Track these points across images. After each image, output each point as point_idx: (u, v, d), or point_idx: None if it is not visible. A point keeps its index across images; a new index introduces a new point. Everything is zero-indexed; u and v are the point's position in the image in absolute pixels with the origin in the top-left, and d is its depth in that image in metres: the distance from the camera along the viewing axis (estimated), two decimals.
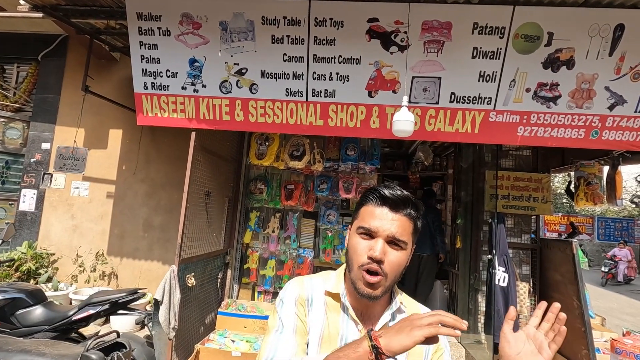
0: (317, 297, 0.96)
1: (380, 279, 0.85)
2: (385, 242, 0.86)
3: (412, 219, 0.90)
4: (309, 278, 1.01)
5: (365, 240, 0.88)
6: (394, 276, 0.88)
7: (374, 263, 0.85)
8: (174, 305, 2.81)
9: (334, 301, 0.96)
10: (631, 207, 18.67)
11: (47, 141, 4.78)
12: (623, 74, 2.65)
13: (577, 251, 3.38)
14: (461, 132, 2.86)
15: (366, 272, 0.86)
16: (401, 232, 0.87)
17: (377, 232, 0.87)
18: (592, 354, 3.08)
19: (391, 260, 0.86)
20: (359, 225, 0.90)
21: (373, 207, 0.89)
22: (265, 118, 3.01)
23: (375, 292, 0.86)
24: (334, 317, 0.94)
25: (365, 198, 0.92)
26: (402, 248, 0.88)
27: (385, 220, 0.87)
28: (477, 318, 3.85)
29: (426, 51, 2.72)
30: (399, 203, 0.88)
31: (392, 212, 0.88)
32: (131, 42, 2.99)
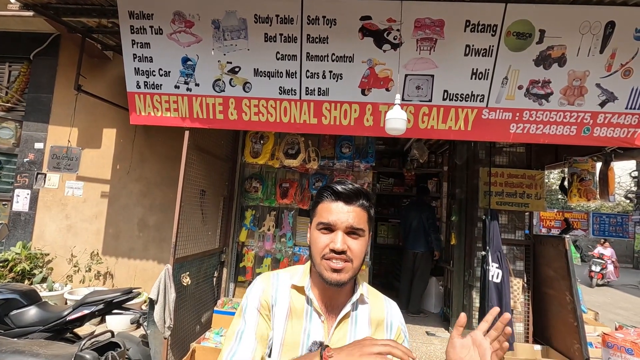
0: (282, 291, 1.00)
1: (345, 264, 0.91)
2: (344, 233, 0.92)
3: (365, 208, 0.96)
4: (275, 273, 1.04)
5: (326, 234, 0.93)
6: (358, 262, 0.93)
7: (336, 254, 0.90)
8: (169, 304, 2.81)
9: (299, 294, 1.00)
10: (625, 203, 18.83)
11: (40, 141, 4.74)
12: (614, 71, 2.67)
13: (569, 247, 3.41)
14: (454, 129, 2.87)
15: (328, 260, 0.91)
16: (357, 221, 0.93)
17: (335, 225, 0.92)
18: (584, 348, 3.12)
19: (353, 247, 0.92)
20: (318, 222, 0.95)
21: (329, 203, 0.95)
22: (259, 116, 3.00)
23: (342, 277, 0.90)
24: (299, 311, 0.98)
25: (320, 196, 0.98)
26: (360, 236, 0.94)
27: (341, 213, 0.92)
28: (471, 314, 3.88)
29: (419, 49, 2.73)
30: (352, 196, 0.94)
31: (346, 205, 0.93)
32: (123, 40, 2.98)
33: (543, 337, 3.77)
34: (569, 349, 3.32)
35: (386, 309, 1.05)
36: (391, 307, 1.07)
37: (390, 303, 1.08)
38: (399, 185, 6.76)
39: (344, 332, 0.97)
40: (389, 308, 1.06)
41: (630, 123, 2.77)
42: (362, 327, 0.99)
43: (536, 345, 3.64)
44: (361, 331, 0.99)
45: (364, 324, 1.00)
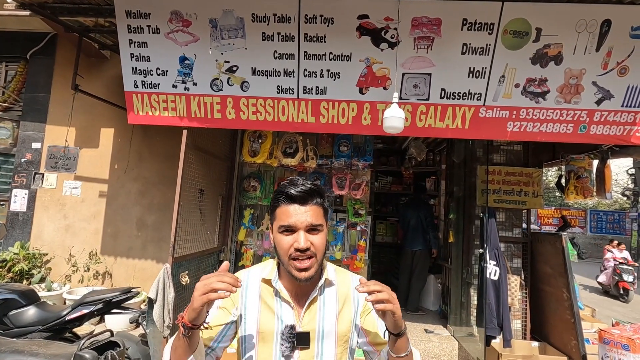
0: (252, 284, 1.09)
1: (311, 261, 0.99)
2: (305, 232, 0.99)
3: (320, 204, 1.03)
4: (247, 270, 1.14)
5: (288, 235, 1.00)
6: (321, 254, 1.02)
7: (301, 253, 0.97)
8: (168, 303, 2.82)
9: (268, 286, 1.08)
10: (623, 200, 18.93)
11: (38, 140, 4.73)
12: (610, 69, 2.69)
13: (566, 244, 3.43)
14: (452, 127, 2.88)
15: (294, 260, 0.98)
16: (315, 219, 1.00)
17: (295, 226, 0.99)
18: (581, 344, 3.15)
19: (315, 242, 0.99)
20: (279, 225, 1.01)
21: (286, 206, 1.01)
22: (257, 116, 3.01)
23: (310, 273, 0.99)
24: (270, 301, 1.06)
25: (277, 200, 1.03)
26: (320, 230, 1.01)
27: (299, 215, 0.99)
28: (469, 311, 3.90)
29: (416, 47, 2.74)
30: (306, 197, 1.00)
31: (302, 206, 1.00)
32: (120, 40, 2.97)
33: (541, 333, 3.79)
34: (566, 345, 3.35)
35: (352, 283, 1.13)
36: (356, 281, 1.11)
37: (355, 277, 1.15)
38: (397, 184, 6.77)
39: (313, 314, 1.06)
40: (354, 282, 1.12)
41: (626, 121, 2.79)
42: (330, 306, 1.08)
43: (534, 342, 3.67)
44: (329, 310, 1.07)
45: (331, 303, 1.08)
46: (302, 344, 1.02)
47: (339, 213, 4.12)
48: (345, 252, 3.94)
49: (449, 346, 3.76)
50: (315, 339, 1.04)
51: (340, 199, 4.23)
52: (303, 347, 1.02)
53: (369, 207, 4.08)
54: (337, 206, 4.19)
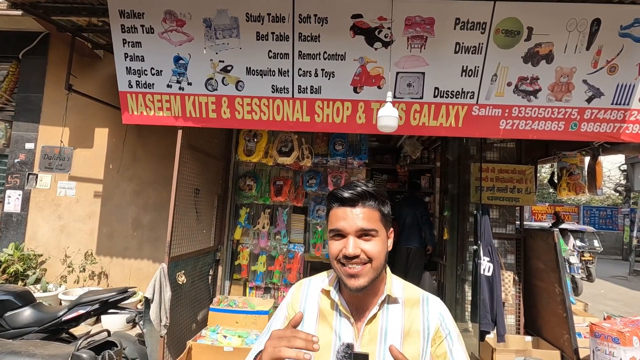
0: (312, 296, 1.03)
1: (364, 268, 0.90)
2: (355, 237, 0.92)
3: (375, 208, 0.95)
4: (309, 279, 1.09)
5: (338, 240, 0.94)
6: (378, 262, 0.92)
7: (350, 260, 0.90)
8: (164, 302, 2.83)
9: (327, 298, 1.01)
10: (615, 196, 19.15)
11: (31, 141, 4.70)
12: (600, 67, 2.73)
13: (558, 240, 3.48)
14: (445, 126, 2.91)
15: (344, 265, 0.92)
16: (367, 223, 0.92)
17: (344, 230, 0.92)
18: (573, 338, 3.20)
19: (368, 249, 0.91)
20: (330, 229, 0.96)
21: (336, 210, 0.95)
22: (252, 115, 3.01)
23: (361, 282, 0.90)
24: (328, 314, 0.99)
25: (328, 203, 0.99)
26: (374, 236, 0.93)
27: (349, 218, 0.92)
28: (464, 307, 3.95)
29: (410, 47, 2.76)
30: (356, 199, 0.94)
31: (353, 209, 0.93)
32: (114, 40, 2.96)
33: (534, 328, 3.85)
34: (559, 339, 3.40)
35: (422, 302, 1.01)
36: (429, 303, 1.01)
37: (427, 297, 1.03)
38: (392, 182, 6.81)
39: (374, 335, 0.96)
40: (424, 298, 1.02)
41: (616, 118, 2.84)
42: (394, 327, 0.96)
43: (527, 337, 3.72)
44: (393, 331, 0.96)
45: (396, 323, 0.97)
46: None
47: None
48: None
49: None
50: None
51: None
52: None
53: None
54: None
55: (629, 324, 2.79)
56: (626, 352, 2.57)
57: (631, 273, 11.83)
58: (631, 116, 2.82)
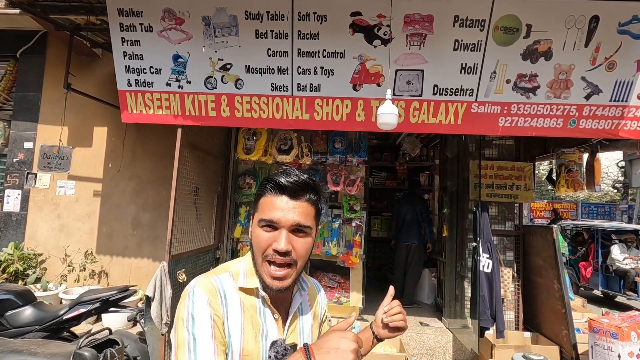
0: (230, 295, 0.87)
1: (288, 271, 0.84)
2: (288, 231, 0.83)
3: (313, 203, 0.87)
4: (214, 277, 0.88)
5: (268, 232, 0.84)
6: (302, 262, 0.86)
7: (280, 256, 0.82)
8: (165, 301, 2.83)
9: (247, 296, 0.89)
10: (613, 192, 19.22)
11: (30, 140, 4.69)
12: (598, 64, 2.74)
13: (557, 237, 3.50)
14: (444, 123, 2.92)
15: (270, 264, 0.84)
16: (304, 218, 0.84)
17: (279, 222, 0.83)
18: (572, 334, 3.22)
19: (298, 248, 0.84)
20: (260, 218, 0.85)
21: (272, 197, 0.85)
22: (251, 113, 3.02)
23: (285, 283, 0.84)
24: (252, 311, 0.88)
25: (263, 188, 0.87)
26: (307, 234, 0.86)
27: (286, 210, 0.83)
28: (463, 304, 3.97)
29: (409, 44, 2.76)
30: (298, 190, 0.84)
31: (292, 200, 0.84)
32: (113, 38, 2.96)
33: (533, 324, 3.88)
34: (557, 335, 3.43)
35: (317, 290, 1.08)
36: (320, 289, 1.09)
37: (316, 282, 1.10)
38: (391, 179, 6.83)
39: (294, 325, 0.94)
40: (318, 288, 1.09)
41: (614, 115, 2.85)
42: (307, 316, 0.99)
43: (526, 332, 3.75)
44: (307, 320, 0.99)
45: (307, 312, 1.00)
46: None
47: (334, 209, 4.16)
48: (341, 247, 3.98)
49: (443, 338, 3.83)
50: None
51: (335, 195, 4.26)
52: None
53: (363, 203, 4.12)
54: (332, 202, 4.22)
55: (627, 320, 2.81)
56: (624, 347, 2.59)
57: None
58: (629, 113, 2.84)
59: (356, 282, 4.01)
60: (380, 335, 1.05)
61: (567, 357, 3.27)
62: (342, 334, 0.75)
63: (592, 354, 2.77)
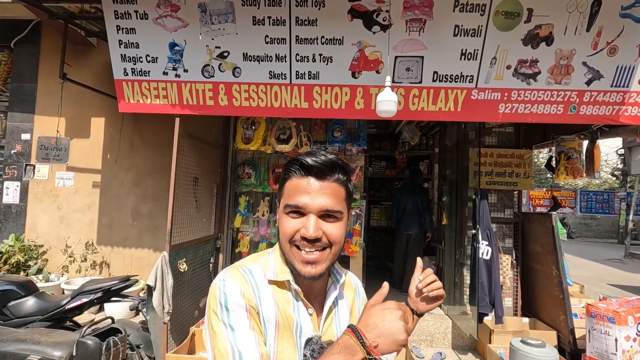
0: (263, 289, 0.81)
1: (321, 254, 0.78)
2: (317, 217, 0.77)
3: (343, 183, 0.81)
4: (245, 269, 0.82)
5: (295, 219, 0.78)
6: (338, 248, 0.81)
7: (309, 243, 0.76)
8: (167, 290, 2.85)
9: (279, 289, 0.83)
10: (612, 180, 19.25)
11: (27, 132, 4.66)
12: (600, 49, 2.71)
13: (556, 223, 3.51)
14: (444, 110, 2.90)
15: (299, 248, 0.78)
16: (334, 202, 0.77)
17: (305, 207, 0.76)
18: (569, 319, 3.26)
19: (330, 232, 0.77)
20: (285, 204, 0.79)
21: (297, 180, 0.78)
22: (249, 102, 2.99)
23: (318, 269, 0.77)
24: (285, 306, 0.82)
25: (287, 171, 0.80)
26: (338, 219, 0.79)
27: (313, 193, 0.76)
28: (462, 290, 4.01)
29: (408, 30, 2.72)
30: (325, 169, 0.78)
31: (319, 181, 0.77)
32: (107, 26, 2.91)
33: (531, 310, 3.92)
34: (555, 320, 3.47)
35: (355, 285, 1.01)
36: (358, 284, 1.03)
37: (354, 278, 1.03)
38: (390, 168, 6.82)
39: (331, 320, 0.88)
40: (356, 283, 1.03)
41: (615, 101, 2.83)
42: (343, 311, 0.92)
43: (524, 318, 3.79)
44: (343, 315, 0.92)
45: (344, 307, 0.93)
46: None
47: None
48: None
49: (443, 324, 3.87)
50: None
51: None
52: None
53: (363, 192, 4.12)
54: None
55: (624, 304, 2.83)
56: (621, 331, 2.62)
57: (626, 256, 11.98)
58: (630, 98, 2.81)
59: (356, 271, 4.04)
60: (419, 309, 0.97)
61: (564, 341, 3.32)
62: (382, 305, 0.71)
63: (590, 338, 2.80)
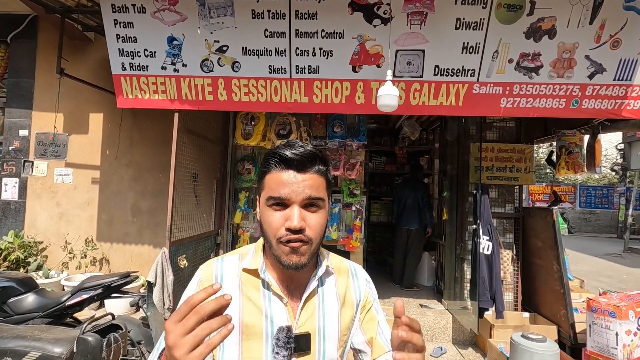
0: (229, 276, 0.86)
1: (305, 247, 0.79)
2: (300, 207, 0.79)
3: (322, 173, 0.83)
4: (219, 259, 0.90)
5: (279, 210, 0.79)
6: (320, 239, 0.82)
7: (294, 234, 0.77)
8: (167, 286, 2.84)
9: (253, 278, 0.86)
10: (611, 175, 19.26)
11: (25, 128, 4.63)
12: (603, 42, 2.68)
13: (557, 218, 3.51)
14: (445, 105, 2.88)
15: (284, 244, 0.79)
16: (315, 191, 0.80)
17: (289, 199, 0.78)
18: (570, 313, 3.27)
19: (312, 223, 0.79)
20: (267, 196, 0.80)
21: (278, 173, 0.80)
22: (249, 97, 2.96)
23: (302, 258, 0.79)
24: (254, 295, 0.85)
25: (267, 164, 0.82)
26: (320, 207, 0.81)
27: (294, 184, 0.78)
28: (463, 286, 4.00)
29: (409, 23, 2.69)
30: (305, 162, 0.80)
31: (300, 174, 0.79)
32: (105, 20, 2.87)
33: (531, 304, 3.92)
34: (555, 314, 3.47)
35: (351, 275, 0.96)
36: (357, 272, 0.98)
37: (354, 266, 0.99)
38: (391, 164, 6.80)
39: (312, 311, 0.87)
40: (354, 272, 0.97)
41: (617, 94, 2.81)
42: (330, 300, 0.90)
43: (525, 313, 3.80)
44: (330, 305, 0.89)
45: (332, 296, 0.90)
46: (302, 349, 0.82)
47: (334, 194, 4.14)
48: (341, 232, 3.99)
49: (443, 319, 3.88)
50: (317, 340, 0.85)
51: (335, 179, 4.24)
52: (302, 353, 0.83)
53: (363, 187, 4.11)
54: (332, 187, 4.20)
55: (625, 299, 2.83)
56: (622, 326, 2.62)
57: (625, 250, 12.01)
58: (633, 92, 2.79)
59: None
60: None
61: (565, 336, 3.32)
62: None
63: (590, 333, 2.81)
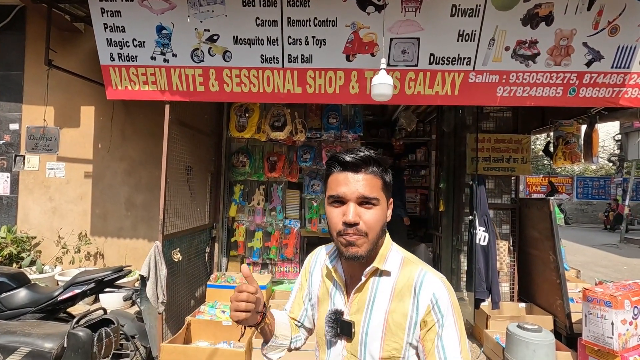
0: (319, 264, 1.11)
1: (362, 239, 0.89)
2: (356, 204, 0.89)
3: (378, 175, 0.92)
4: (322, 247, 1.15)
5: (338, 207, 0.91)
6: (375, 233, 0.90)
7: (349, 228, 0.88)
8: (160, 280, 2.82)
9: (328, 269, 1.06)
10: (608, 166, 19.32)
11: (15, 121, 4.55)
12: (601, 29, 2.63)
13: (554, 208, 3.49)
14: (441, 94, 2.83)
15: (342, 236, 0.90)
16: (369, 190, 0.89)
17: (345, 196, 0.89)
18: (566, 303, 3.27)
19: (367, 219, 0.89)
20: (329, 195, 0.93)
21: (337, 175, 0.92)
22: (241, 87, 2.91)
23: (358, 250, 0.89)
24: (327, 281, 1.05)
25: (328, 167, 0.95)
26: (374, 205, 0.90)
27: (350, 184, 0.89)
28: (459, 277, 4.00)
29: (404, 10, 2.63)
30: (360, 164, 0.90)
31: (355, 174, 0.90)
32: (92, 9, 2.80)
33: (527, 295, 3.93)
34: (552, 305, 3.48)
35: (417, 278, 0.92)
36: (424, 278, 0.92)
37: (422, 280, 0.91)
38: (387, 156, 6.76)
39: (362, 305, 0.94)
40: (419, 278, 0.92)
41: (615, 82, 2.77)
42: (381, 300, 0.93)
43: (521, 303, 3.80)
44: (380, 304, 0.92)
45: (384, 296, 0.93)
46: (345, 334, 0.94)
47: None
48: None
49: None
50: (360, 333, 0.93)
51: None
52: (346, 338, 0.94)
53: None
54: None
55: (620, 288, 2.83)
56: (617, 315, 2.62)
57: (622, 241, 12.09)
58: (631, 80, 2.75)
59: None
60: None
61: (561, 325, 3.33)
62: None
63: (586, 322, 2.81)
